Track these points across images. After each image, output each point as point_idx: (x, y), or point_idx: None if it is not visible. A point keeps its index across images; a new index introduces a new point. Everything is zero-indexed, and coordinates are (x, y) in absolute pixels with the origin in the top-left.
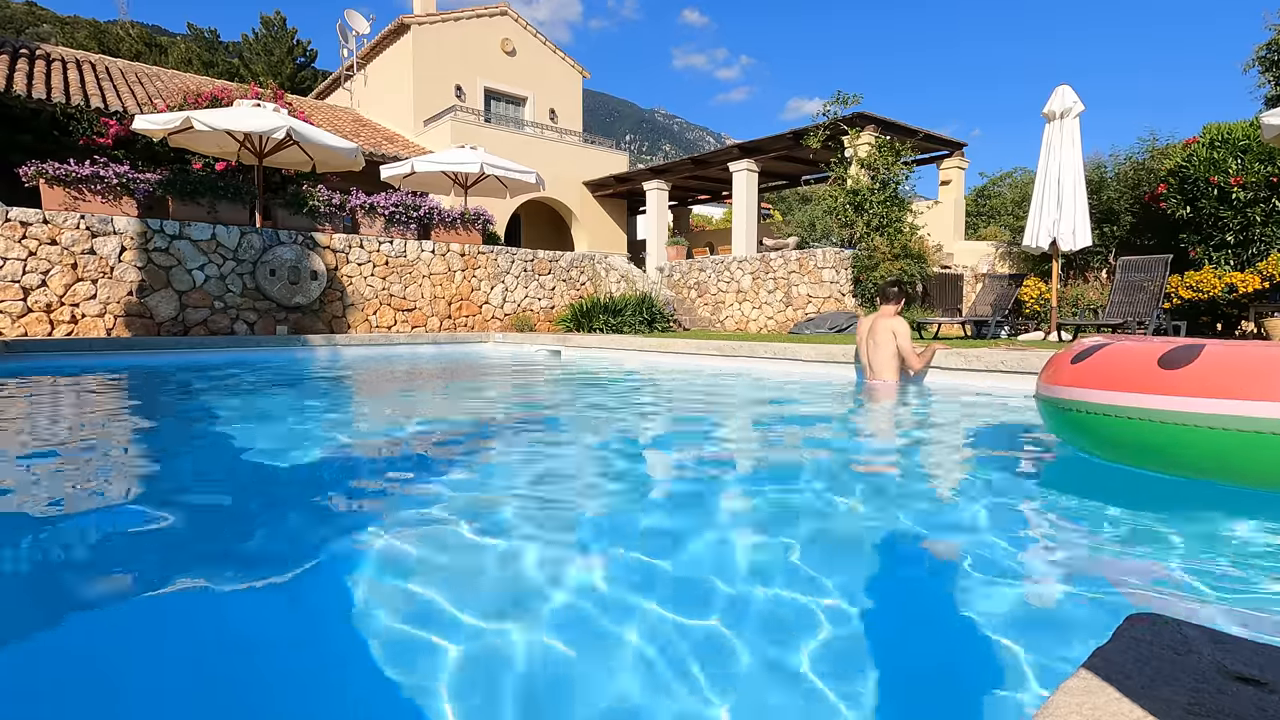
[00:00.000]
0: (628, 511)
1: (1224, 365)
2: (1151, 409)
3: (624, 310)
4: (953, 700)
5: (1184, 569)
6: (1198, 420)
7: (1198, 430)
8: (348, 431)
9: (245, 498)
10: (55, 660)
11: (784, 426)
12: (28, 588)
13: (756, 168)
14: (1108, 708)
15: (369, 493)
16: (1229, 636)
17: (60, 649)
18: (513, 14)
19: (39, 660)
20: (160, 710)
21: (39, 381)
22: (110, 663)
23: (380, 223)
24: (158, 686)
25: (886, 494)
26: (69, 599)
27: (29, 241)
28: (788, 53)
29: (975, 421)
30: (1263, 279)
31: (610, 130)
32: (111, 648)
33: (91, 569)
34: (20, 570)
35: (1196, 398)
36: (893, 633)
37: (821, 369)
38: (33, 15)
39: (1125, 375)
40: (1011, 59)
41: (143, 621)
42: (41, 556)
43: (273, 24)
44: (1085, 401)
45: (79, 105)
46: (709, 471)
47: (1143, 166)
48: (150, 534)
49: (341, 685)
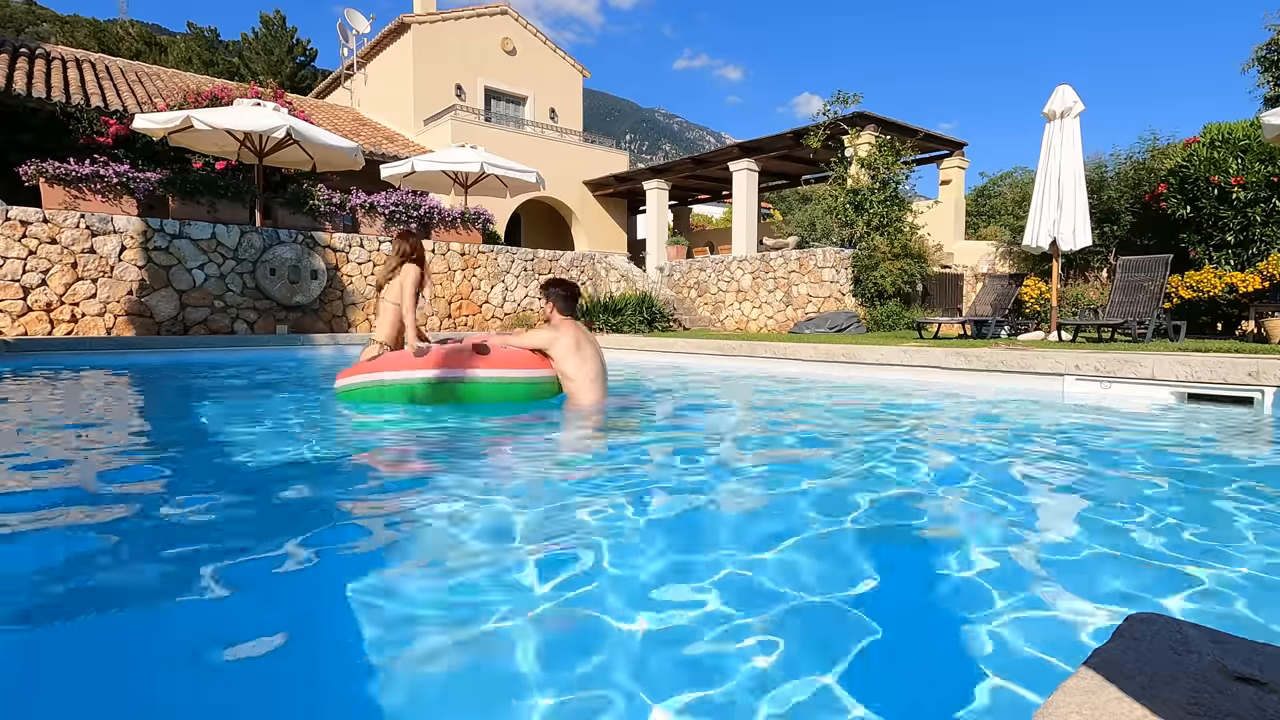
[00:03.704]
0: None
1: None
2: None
3: (624, 310)
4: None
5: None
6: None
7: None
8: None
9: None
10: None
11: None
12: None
13: (756, 167)
14: (1108, 708)
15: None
16: (1229, 636)
17: (59, 644)
18: (513, 13)
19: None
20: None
21: (39, 379)
22: (117, 652)
23: (380, 222)
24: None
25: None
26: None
27: (29, 240)
28: (788, 52)
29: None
30: (1263, 279)
31: (610, 129)
32: (112, 647)
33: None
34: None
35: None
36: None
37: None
38: (32, 14)
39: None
40: (1011, 59)
41: (142, 619)
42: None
43: (272, 23)
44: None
45: (79, 104)
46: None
47: (1143, 166)
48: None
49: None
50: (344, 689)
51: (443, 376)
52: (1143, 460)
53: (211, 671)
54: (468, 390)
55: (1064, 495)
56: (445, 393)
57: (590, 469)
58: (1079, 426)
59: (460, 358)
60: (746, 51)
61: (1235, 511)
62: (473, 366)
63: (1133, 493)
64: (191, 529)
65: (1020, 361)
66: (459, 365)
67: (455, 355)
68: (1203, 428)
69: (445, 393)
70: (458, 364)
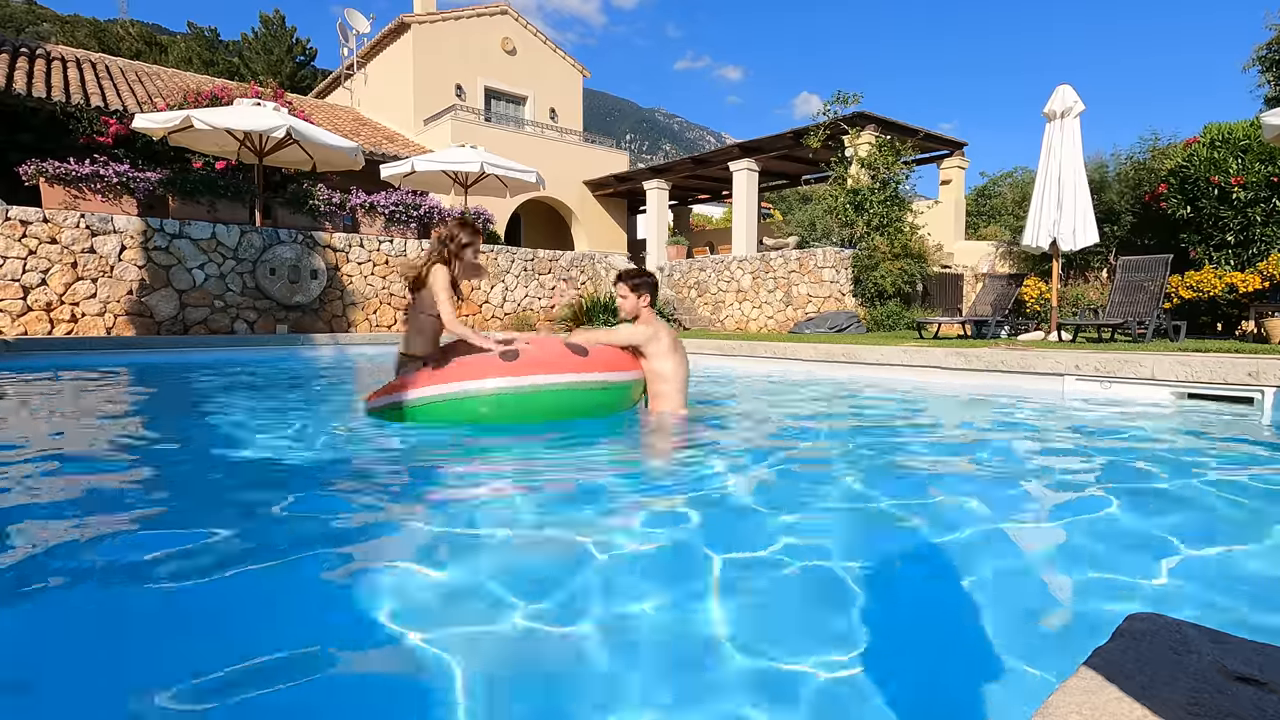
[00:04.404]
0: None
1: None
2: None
3: None
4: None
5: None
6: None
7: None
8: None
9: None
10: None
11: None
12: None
13: (757, 167)
14: (1107, 708)
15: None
16: (1229, 636)
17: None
18: (513, 13)
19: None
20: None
21: (39, 378)
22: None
23: (380, 222)
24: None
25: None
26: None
27: (29, 240)
28: (788, 52)
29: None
30: (1263, 279)
31: (610, 129)
32: (111, 642)
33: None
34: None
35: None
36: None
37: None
38: (33, 14)
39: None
40: (1012, 58)
41: (146, 619)
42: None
43: (272, 23)
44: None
45: (79, 104)
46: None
47: (1143, 166)
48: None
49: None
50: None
51: (541, 383)
52: (1143, 460)
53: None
54: (570, 399)
55: (1064, 495)
56: (541, 403)
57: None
58: (1078, 426)
59: (558, 359)
60: (747, 51)
61: (1235, 511)
62: (577, 369)
63: (1132, 492)
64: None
65: (1020, 361)
66: (560, 368)
67: (553, 356)
68: (1202, 428)
69: (541, 403)
70: (558, 367)
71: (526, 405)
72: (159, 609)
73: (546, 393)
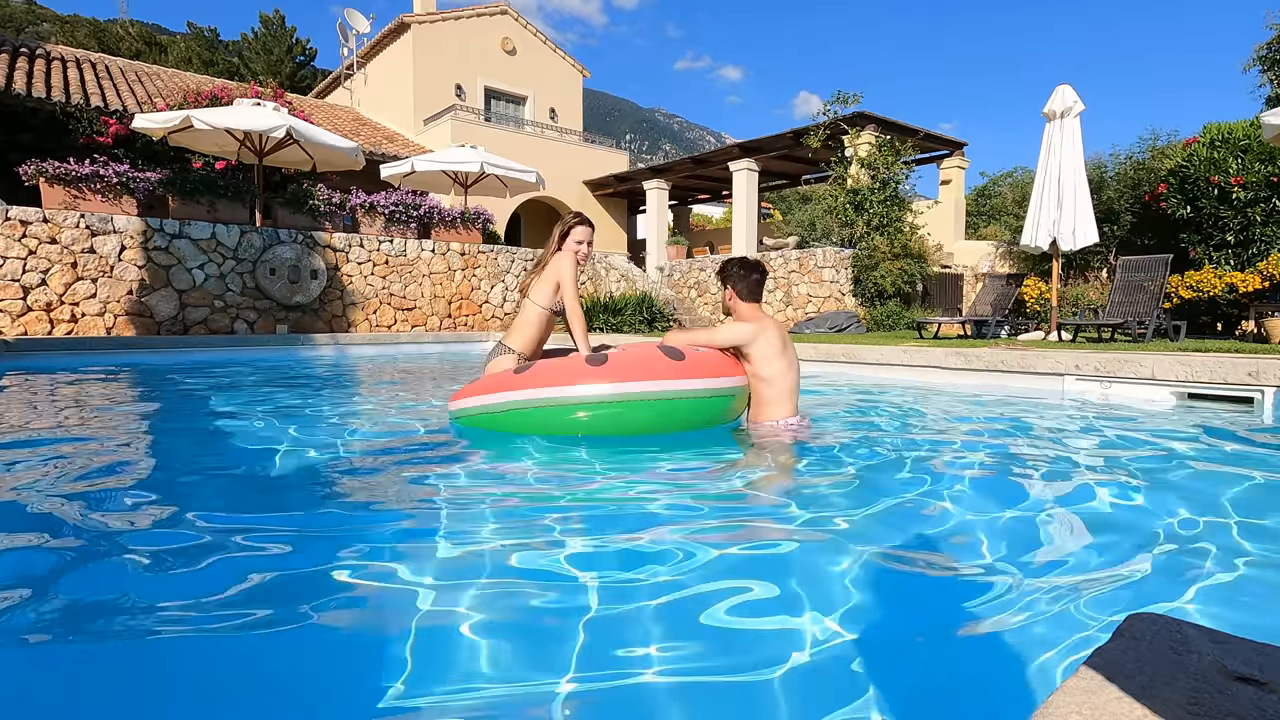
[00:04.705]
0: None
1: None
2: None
3: (624, 310)
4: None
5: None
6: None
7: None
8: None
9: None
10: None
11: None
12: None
13: (756, 167)
14: (1107, 708)
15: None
16: (1229, 636)
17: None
18: (513, 13)
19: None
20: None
21: (39, 378)
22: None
23: (380, 222)
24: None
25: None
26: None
27: (29, 240)
28: (788, 52)
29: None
30: (1263, 279)
31: (610, 129)
32: (112, 640)
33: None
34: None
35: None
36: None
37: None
38: (32, 14)
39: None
40: (1012, 58)
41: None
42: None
43: (272, 23)
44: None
45: (79, 104)
46: None
47: (1143, 166)
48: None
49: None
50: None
51: (633, 392)
52: (1142, 460)
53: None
54: (665, 409)
55: (1063, 494)
56: (634, 415)
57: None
58: (1078, 426)
59: (653, 364)
60: (746, 51)
61: (1234, 511)
62: (673, 376)
63: (1132, 492)
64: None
65: (1020, 361)
66: (655, 375)
67: (647, 361)
68: (1202, 428)
69: (634, 415)
70: (654, 373)
71: (618, 418)
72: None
73: (640, 403)
